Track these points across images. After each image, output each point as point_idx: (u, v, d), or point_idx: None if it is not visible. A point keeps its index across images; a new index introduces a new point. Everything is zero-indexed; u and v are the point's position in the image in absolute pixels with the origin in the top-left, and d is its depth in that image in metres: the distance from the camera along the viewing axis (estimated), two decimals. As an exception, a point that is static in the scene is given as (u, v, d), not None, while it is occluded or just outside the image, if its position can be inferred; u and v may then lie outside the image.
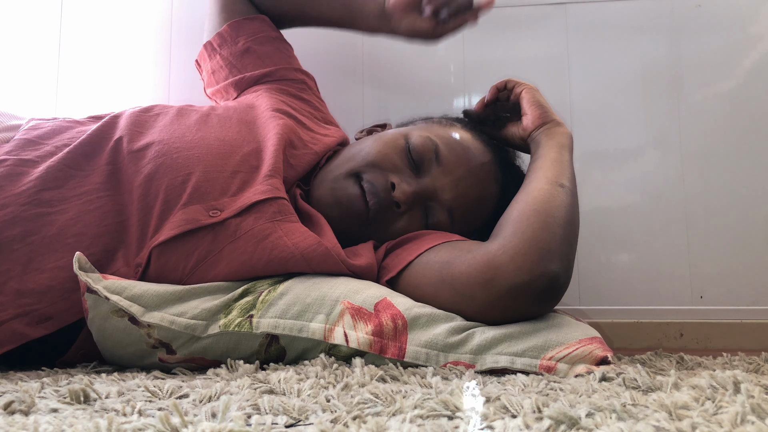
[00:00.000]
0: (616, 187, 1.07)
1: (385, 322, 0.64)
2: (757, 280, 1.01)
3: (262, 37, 0.97)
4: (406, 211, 0.79)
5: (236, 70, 0.96)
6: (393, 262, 0.75)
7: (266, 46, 0.97)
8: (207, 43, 0.99)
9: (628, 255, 1.05)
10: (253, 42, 0.96)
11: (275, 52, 0.97)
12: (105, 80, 1.19)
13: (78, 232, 0.69)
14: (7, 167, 0.71)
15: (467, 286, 0.66)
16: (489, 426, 0.37)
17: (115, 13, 1.21)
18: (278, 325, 0.64)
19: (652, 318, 1.01)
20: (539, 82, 1.10)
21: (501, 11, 1.12)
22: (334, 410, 0.41)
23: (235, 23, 0.97)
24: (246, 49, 0.96)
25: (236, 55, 0.96)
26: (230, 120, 0.82)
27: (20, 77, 1.18)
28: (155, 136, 0.76)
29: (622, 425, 0.35)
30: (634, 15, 1.09)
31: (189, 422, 0.35)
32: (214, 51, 0.98)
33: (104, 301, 0.63)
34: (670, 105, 1.07)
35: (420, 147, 0.80)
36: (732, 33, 1.07)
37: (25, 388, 0.46)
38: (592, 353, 0.62)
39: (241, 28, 0.97)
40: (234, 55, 0.96)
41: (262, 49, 0.96)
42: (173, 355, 0.64)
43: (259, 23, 0.98)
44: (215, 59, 0.98)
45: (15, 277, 0.66)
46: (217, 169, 0.74)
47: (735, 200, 1.03)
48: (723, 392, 0.44)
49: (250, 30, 0.97)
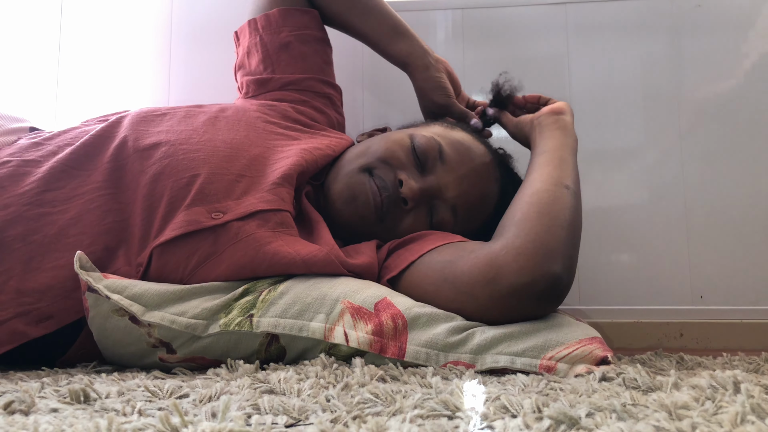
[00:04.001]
0: (616, 187, 1.07)
1: (385, 321, 0.64)
2: (757, 280, 1.01)
3: (306, 34, 0.95)
4: (413, 208, 0.80)
5: (269, 61, 0.93)
6: (395, 261, 0.75)
7: (307, 46, 0.95)
8: (251, 20, 0.96)
9: (629, 255, 1.06)
10: (295, 38, 0.94)
11: (312, 55, 0.95)
12: (105, 80, 1.19)
13: (79, 231, 0.69)
14: (11, 168, 0.72)
15: (469, 285, 0.66)
16: (489, 426, 0.37)
17: (115, 14, 1.21)
18: (278, 324, 0.64)
19: (652, 318, 1.01)
20: (539, 82, 1.10)
21: (501, 11, 1.13)
22: (334, 410, 0.41)
23: (286, 11, 0.95)
24: (286, 43, 0.93)
25: (275, 45, 0.94)
26: (238, 123, 0.81)
27: (20, 77, 1.18)
28: (162, 136, 0.76)
29: (622, 425, 0.35)
30: (634, 15, 1.09)
31: (189, 422, 0.35)
32: (256, 31, 0.95)
33: (105, 300, 0.63)
34: (670, 105, 1.07)
35: (425, 146, 0.81)
36: (732, 33, 1.07)
37: (25, 388, 0.46)
38: (592, 353, 0.62)
39: (289, 18, 0.95)
40: (273, 45, 0.94)
41: (300, 49, 0.94)
42: (173, 354, 0.64)
43: (309, 18, 0.96)
44: (254, 39, 0.95)
45: (16, 276, 0.66)
46: (222, 171, 0.74)
47: (735, 200, 1.03)
48: (723, 392, 0.44)
49: (297, 23, 0.95)
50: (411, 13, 1.14)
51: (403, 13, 1.14)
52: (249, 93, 0.94)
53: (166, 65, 1.18)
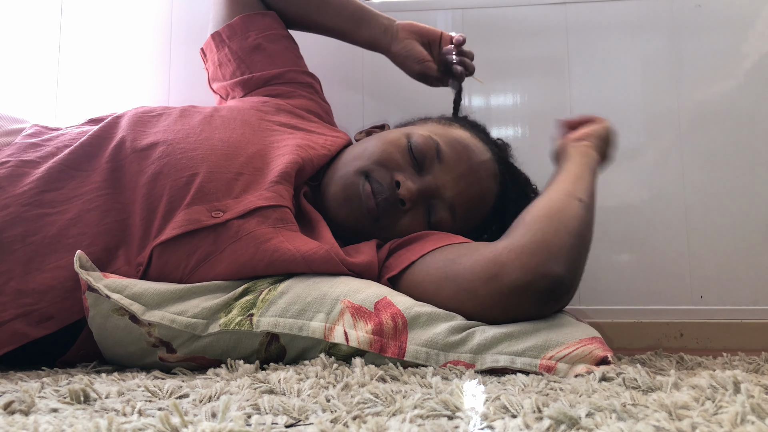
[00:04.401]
0: (616, 187, 1.07)
1: (386, 321, 0.64)
2: (757, 280, 1.01)
3: (273, 34, 0.96)
4: (410, 208, 0.80)
5: (245, 66, 0.95)
6: (396, 261, 0.75)
7: (276, 44, 0.96)
8: (215, 33, 0.97)
9: (629, 255, 1.05)
10: (264, 39, 0.95)
11: (285, 52, 0.96)
12: (105, 80, 1.19)
13: (78, 232, 0.69)
14: (9, 168, 0.72)
15: (470, 282, 0.66)
16: (489, 426, 0.37)
17: (115, 14, 1.21)
18: (278, 323, 0.64)
19: (652, 318, 1.01)
20: (539, 82, 1.10)
21: (501, 11, 1.13)
22: (334, 410, 0.41)
23: (247, 17, 0.96)
24: (256, 45, 0.95)
25: (246, 50, 0.95)
26: (234, 121, 0.82)
27: (20, 77, 1.18)
28: (160, 136, 0.76)
29: (622, 425, 0.35)
30: (634, 15, 1.09)
31: (189, 422, 0.35)
32: (223, 42, 0.97)
33: (105, 300, 0.63)
34: (670, 105, 1.07)
35: (422, 145, 0.80)
36: (732, 33, 1.07)
37: (25, 388, 0.46)
38: (592, 353, 0.62)
39: (252, 23, 0.96)
40: (243, 50, 0.95)
41: (272, 48, 0.95)
42: (173, 353, 0.64)
43: (270, 20, 0.97)
44: (223, 51, 0.96)
45: (16, 277, 0.66)
46: (220, 170, 0.74)
47: (735, 200, 1.03)
48: (723, 392, 0.44)
49: (261, 25, 0.96)
50: (411, 13, 1.14)
51: (403, 14, 1.15)
52: (235, 96, 0.96)
53: (166, 65, 1.18)
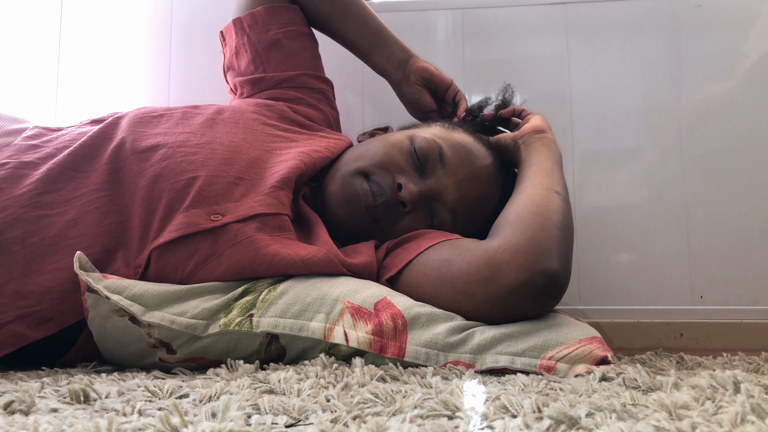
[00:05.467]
0: (616, 187, 1.07)
1: (385, 321, 0.64)
2: (757, 280, 1.01)
3: (294, 31, 0.95)
4: (411, 210, 0.80)
5: (259, 61, 0.93)
6: (393, 261, 0.75)
7: (295, 42, 0.95)
8: (237, 20, 0.96)
9: (628, 255, 1.05)
10: (283, 35, 0.94)
11: (302, 51, 0.95)
12: (105, 80, 1.19)
13: (78, 233, 0.69)
14: (8, 170, 0.72)
15: (467, 284, 0.66)
16: (489, 426, 0.37)
17: (115, 14, 1.21)
18: (278, 324, 0.64)
19: (652, 318, 1.01)
20: (539, 82, 1.10)
21: (501, 11, 1.13)
22: (334, 410, 0.41)
23: (271, 8, 0.94)
24: (275, 41, 0.93)
25: (264, 44, 0.93)
26: (236, 126, 0.81)
27: (20, 77, 1.18)
28: (160, 138, 0.76)
29: (622, 425, 0.35)
30: (634, 15, 1.09)
31: (189, 422, 0.35)
32: (243, 31, 0.95)
33: (105, 301, 0.63)
34: (670, 105, 1.07)
35: (425, 148, 0.80)
36: (732, 33, 1.07)
37: (25, 388, 0.46)
38: (592, 353, 0.62)
39: (276, 15, 0.95)
40: (261, 44, 0.93)
41: (290, 45, 0.94)
42: (173, 354, 0.64)
43: (294, 14, 0.96)
44: (242, 40, 0.95)
45: (15, 279, 0.66)
46: (220, 174, 0.74)
47: (735, 200, 1.03)
48: (723, 392, 0.44)
49: (283, 20, 0.95)
50: (411, 14, 1.14)
51: (403, 14, 1.15)
52: (243, 94, 0.94)
53: (166, 65, 1.18)
